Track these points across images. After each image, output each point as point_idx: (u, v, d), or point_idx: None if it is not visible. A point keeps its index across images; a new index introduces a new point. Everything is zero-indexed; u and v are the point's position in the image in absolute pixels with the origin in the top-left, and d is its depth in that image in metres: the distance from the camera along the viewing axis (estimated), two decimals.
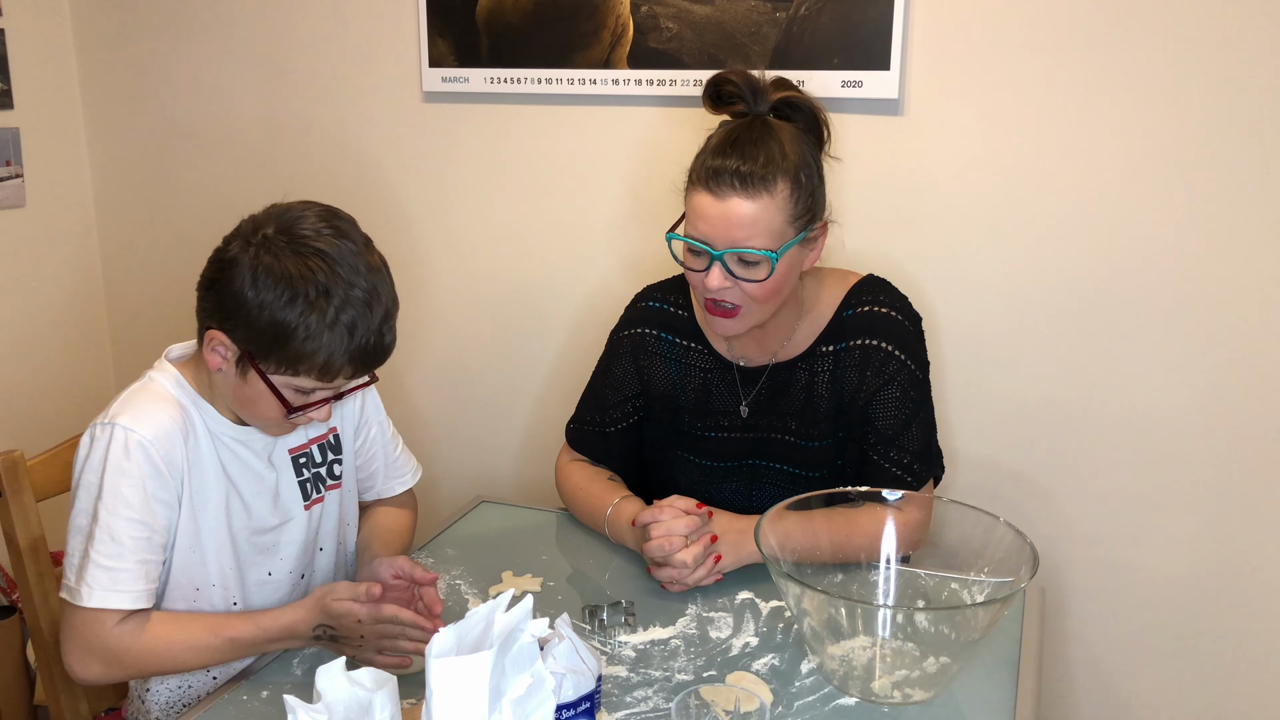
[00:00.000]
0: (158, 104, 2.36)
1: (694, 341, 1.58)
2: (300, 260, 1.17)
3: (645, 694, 1.19)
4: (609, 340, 1.65)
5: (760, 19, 1.84)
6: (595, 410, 1.65)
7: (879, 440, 1.50)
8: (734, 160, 1.35)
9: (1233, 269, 1.70)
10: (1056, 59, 1.72)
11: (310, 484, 1.41)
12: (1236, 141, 1.66)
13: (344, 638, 1.22)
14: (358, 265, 1.20)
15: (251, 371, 1.21)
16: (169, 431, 1.25)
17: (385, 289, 1.24)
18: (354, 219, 1.27)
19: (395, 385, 2.30)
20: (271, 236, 1.19)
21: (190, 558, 1.30)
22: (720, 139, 1.40)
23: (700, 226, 1.38)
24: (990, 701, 1.19)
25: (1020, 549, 1.21)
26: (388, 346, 1.25)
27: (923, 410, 1.52)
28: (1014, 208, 1.79)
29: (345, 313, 1.18)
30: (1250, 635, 1.80)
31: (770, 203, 1.35)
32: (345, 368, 1.21)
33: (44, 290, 2.41)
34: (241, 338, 1.20)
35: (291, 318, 1.16)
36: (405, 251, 2.21)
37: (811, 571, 1.32)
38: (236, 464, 1.32)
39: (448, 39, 2.06)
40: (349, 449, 1.48)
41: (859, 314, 1.50)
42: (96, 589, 1.20)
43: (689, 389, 1.58)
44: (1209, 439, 1.77)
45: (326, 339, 1.18)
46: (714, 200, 1.36)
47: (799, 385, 1.53)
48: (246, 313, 1.18)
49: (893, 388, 1.48)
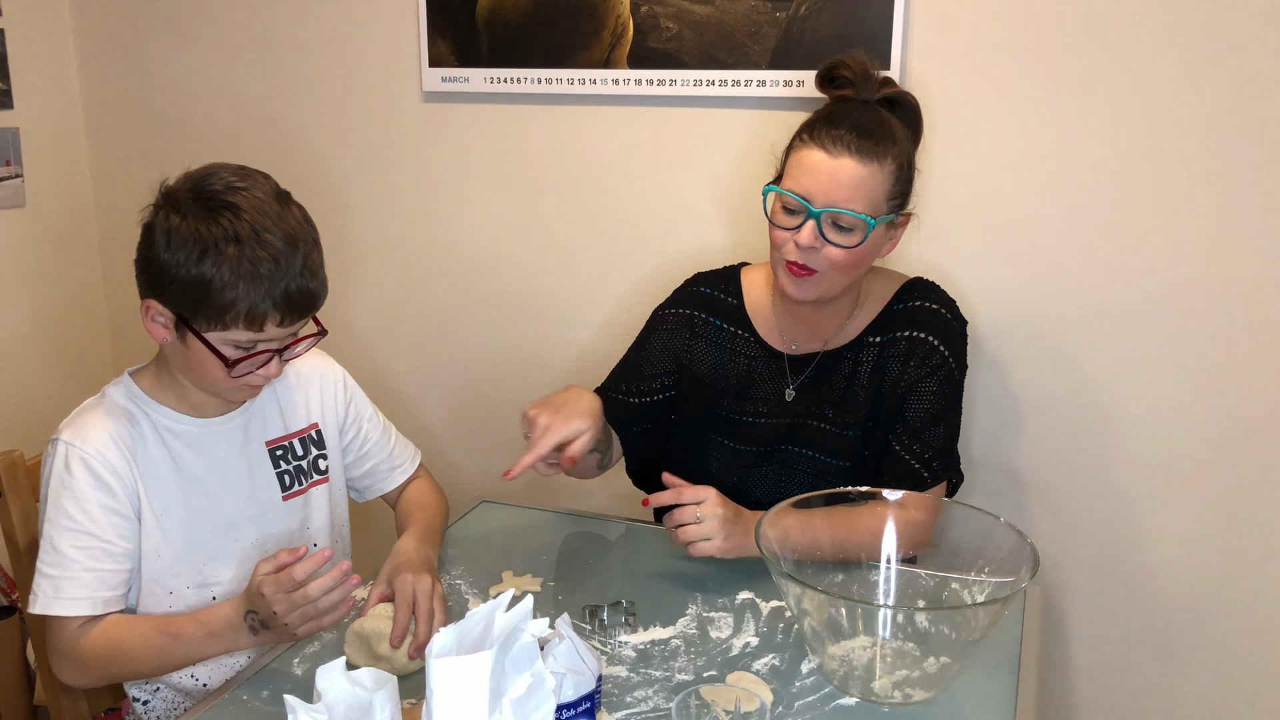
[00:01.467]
0: (158, 104, 2.36)
1: (741, 329, 1.60)
2: (209, 215, 1.19)
3: (645, 694, 1.19)
4: (653, 315, 1.66)
5: (760, 19, 1.84)
6: (626, 380, 1.65)
7: (905, 431, 1.51)
8: (853, 126, 1.40)
9: (1234, 269, 1.70)
10: (1057, 59, 1.72)
11: (290, 475, 1.42)
12: (1238, 141, 1.66)
13: (267, 619, 1.17)
14: (267, 212, 1.21)
15: (189, 334, 1.23)
16: (109, 443, 1.27)
17: (303, 233, 1.24)
18: (268, 174, 1.28)
19: (395, 385, 2.30)
20: (180, 198, 1.22)
21: (157, 563, 1.31)
22: (836, 112, 1.44)
23: (804, 181, 1.41)
24: (990, 701, 1.19)
25: (1020, 549, 1.21)
26: (314, 290, 1.25)
27: (953, 410, 1.54)
28: (1014, 208, 1.79)
29: (259, 259, 1.19)
30: (1250, 635, 1.80)
31: (879, 172, 1.40)
32: (271, 314, 1.21)
33: (44, 290, 2.41)
34: (171, 301, 1.22)
35: (206, 270, 1.18)
36: (405, 251, 2.22)
37: (811, 571, 1.32)
38: (197, 458, 1.33)
39: (448, 39, 2.06)
40: (334, 445, 1.48)
41: (910, 307, 1.54)
42: (40, 596, 1.24)
43: (732, 375, 1.60)
44: (1209, 439, 1.77)
45: (243, 287, 1.18)
46: (826, 157, 1.39)
47: (842, 374, 1.55)
48: (167, 275, 1.20)
49: (930, 381, 1.50)
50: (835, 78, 1.49)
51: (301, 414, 1.45)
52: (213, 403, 1.35)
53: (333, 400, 1.50)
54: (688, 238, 2.01)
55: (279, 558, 1.15)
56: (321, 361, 1.51)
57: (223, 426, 1.36)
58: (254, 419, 1.40)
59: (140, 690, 1.39)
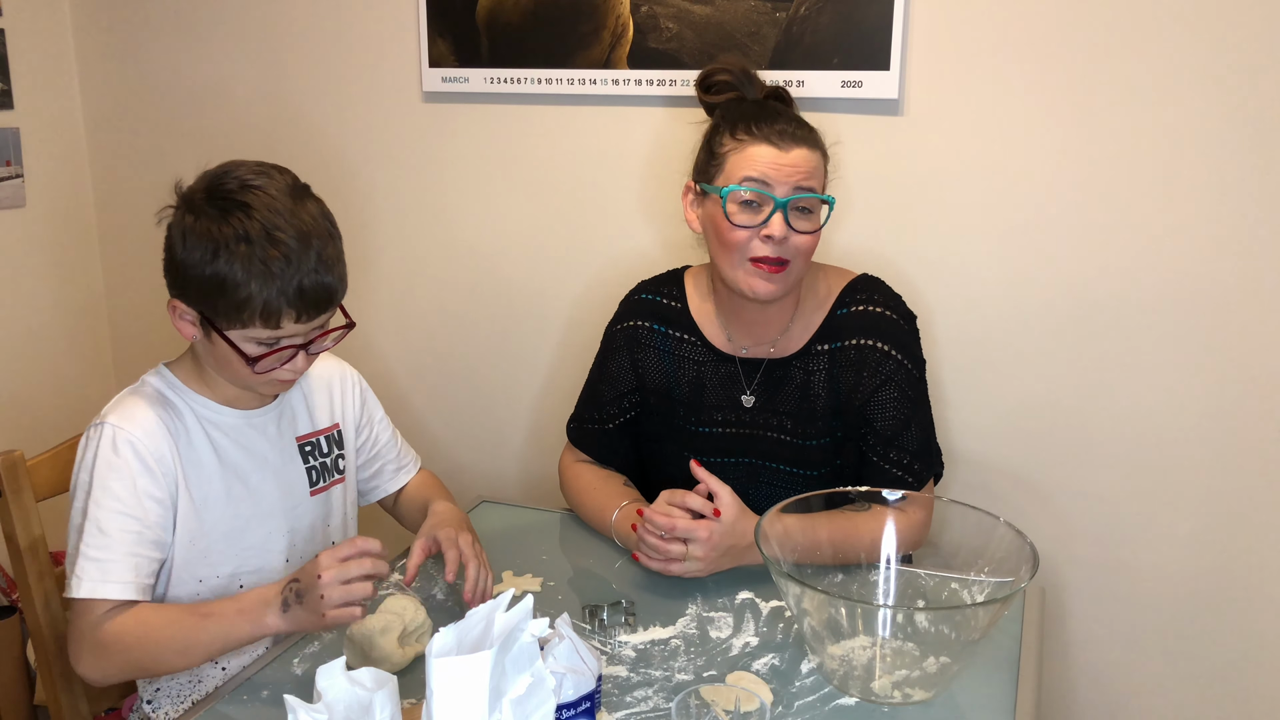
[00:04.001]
0: (158, 104, 2.36)
1: (687, 333, 1.59)
2: (221, 214, 1.21)
3: (645, 694, 1.19)
4: (604, 335, 1.66)
5: (760, 19, 1.84)
6: (593, 407, 1.65)
7: (878, 441, 1.50)
8: (783, 121, 1.44)
9: (1232, 269, 1.70)
10: (1056, 59, 1.72)
11: (317, 472, 1.44)
12: (1236, 142, 1.66)
13: (306, 590, 1.19)
14: (279, 209, 1.22)
15: (213, 332, 1.25)
16: (157, 429, 1.29)
17: (317, 228, 1.25)
18: (288, 169, 1.29)
19: (395, 385, 2.30)
20: (196, 198, 1.23)
21: (190, 551, 1.31)
22: (752, 110, 1.46)
23: (762, 174, 1.41)
24: (990, 701, 1.19)
25: (1020, 549, 1.21)
26: (329, 285, 1.25)
27: (920, 409, 1.52)
28: (1014, 208, 1.79)
29: (270, 257, 1.20)
30: (1250, 635, 1.80)
31: (820, 156, 1.45)
32: (287, 310, 1.22)
33: (44, 290, 2.41)
34: (192, 300, 1.25)
35: (220, 269, 1.20)
36: (405, 252, 2.22)
37: (811, 571, 1.32)
38: (238, 450, 1.35)
39: (448, 39, 2.06)
40: (351, 446, 1.51)
41: (853, 313, 1.51)
42: (85, 580, 1.23)
43: (683, 381, 1.58)
44: (1209, 439, 1.77)
45: (256, 285, 1.20)
46: (778, 151, 1.42)
47: (794, 384, 1.53)
48: (186, 275, 1.23)
49: (890, 388, 1.49)
50: (714, 84, 1.53)
51: (324, 413, 1.48)
52: (246, 396, 1.37)
53: (351, 401, 1.52)
54: (688, 237, 2.01)
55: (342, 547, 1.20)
56: (337, 363, 1.54)
57: (259, 419, 1.39)
58: (285, 414, 1.42)
59: (144, 689, 1.39)
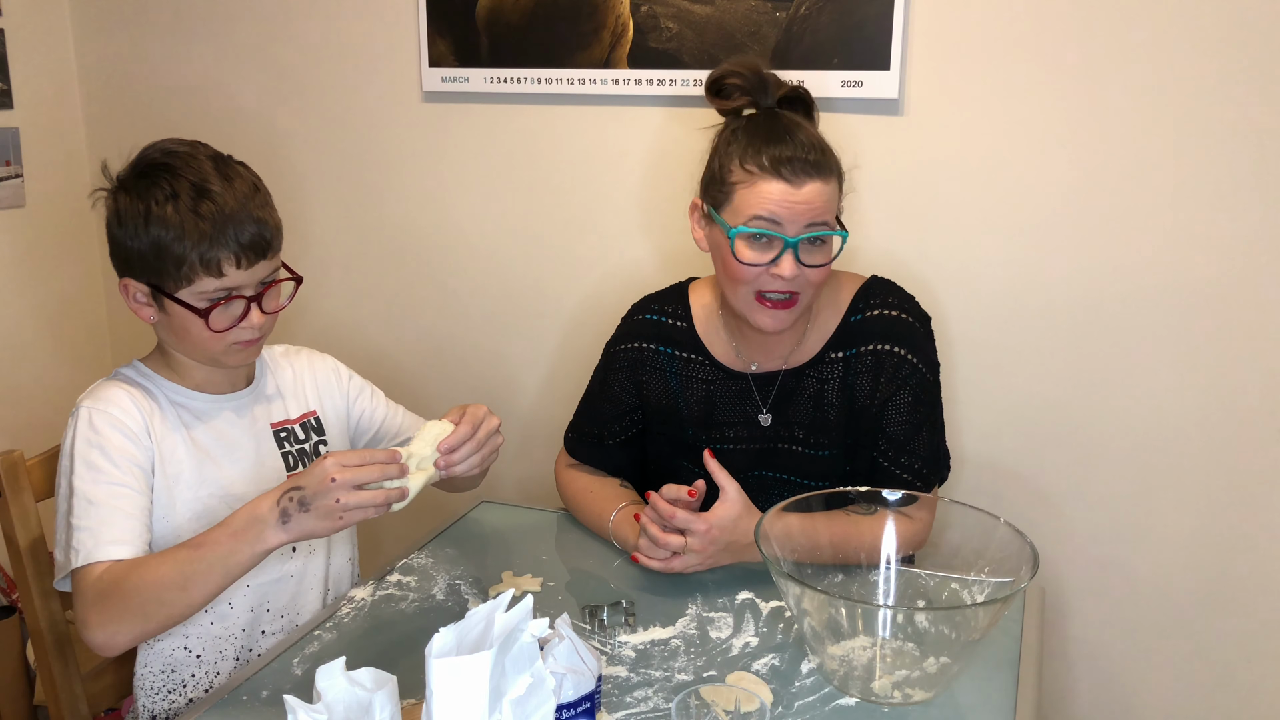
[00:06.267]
0: (158, 104, 2.36)
1: (694, 353, 1.56)
2: (149, 183, 1.27)
3: (645, 694, 1.19)
4: (605, 352, 1.63)
5: (760, 19, 1.84)
6: (593, 423, 1.64)
7: (890, 446, 1.49)
8: (796, 148, 1.36)
9: (1233, 269, 1.70)
10: (1057, 59, 1.72)
11: (294, 457, 1.45)
12: (1237, 142, 1.66)
13: (312, 495, 1.14)
14: (200, 162, 1.28)
15: (167, 300, 1.28)
16: (131, 405, 1.32)
17: (243, 178, 1.30)
18: (203, 141, 1.34)
19: (393, 385, 2.29)
20: (123, 179, 1.31)
21: (162, 527, 1.32)
22: (763, 132, 1.38)
23: (771, 213, 1.36)
24: (990, 701, 1.19)
25: (1020, 549, 1.21)
26: (263, 223, 1.29)
27: (934, 414, 1.51)
28: (1014, 208, 1.79)
29: (199, 205, 1.25)
30: (1250, 635, 1.80)
31: (834, 183, 1.39)
32: (226, 256, 1.26)
33: (44, 290, 2.41)
34: (138, 273, 1.29)
35: (155, 232, 1.25)
36: (405, 251, 2.21)
37: (811, 571, 1.32)
38: (209, 433, 1.38)
39: (448, 39, 2.06)
40: (336, 430, 1.52)
41: (869, 318, 1.49)
42: (81, 550, 1.23)
43: (691, 401, 1.56)
44: (1209, 439, 1.77)
45: (192, 237, 1.25)
46: (790, 188, 1.35)
47: (808, 393, 1.51)
48: (127, 250, 1.28)
49: (905, 393, 1.47)
50: (724, 88, 1.44)
51: (298, 401, 1.49)
52: (216, 380, 1.39)
53: (329, 386, 1.54)
54: (689, 237, 2.01)
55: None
56: (312, 355, 1.56)
57: (230, 404, 1.40)
58: (259, 400, 1.44)
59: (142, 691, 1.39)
